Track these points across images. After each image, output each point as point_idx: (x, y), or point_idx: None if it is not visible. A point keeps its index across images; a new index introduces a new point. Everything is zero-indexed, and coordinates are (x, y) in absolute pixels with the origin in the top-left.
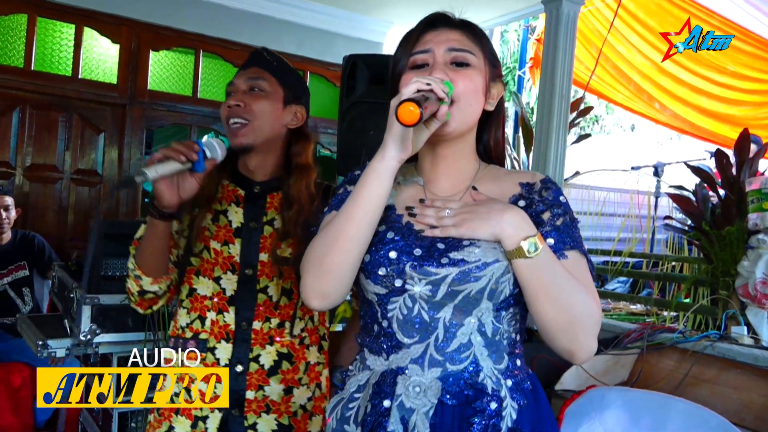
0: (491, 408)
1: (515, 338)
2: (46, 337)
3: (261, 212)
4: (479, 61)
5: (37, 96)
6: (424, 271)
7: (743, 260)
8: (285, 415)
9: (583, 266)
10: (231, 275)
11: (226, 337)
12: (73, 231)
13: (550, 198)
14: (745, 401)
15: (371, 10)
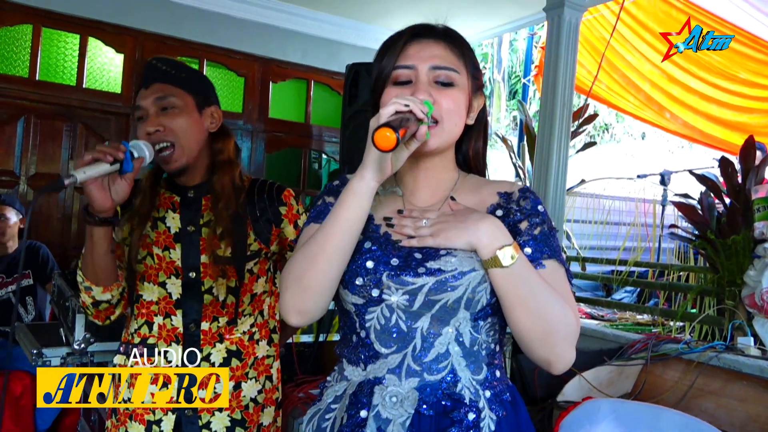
0: (469, 419)
1: (494, 348)
2: (41, 346)
3: (197, 215)
4: (462, 78)
5: (41, 105)
6: (401, 281)
7: (749, 270)
8: (237, 410)
9: (561, 275)
10: (175, 279)
11: (175, 340)
12: (76, 239)
13: (527, 207)
14: (752, 414)
15: (375, 19)
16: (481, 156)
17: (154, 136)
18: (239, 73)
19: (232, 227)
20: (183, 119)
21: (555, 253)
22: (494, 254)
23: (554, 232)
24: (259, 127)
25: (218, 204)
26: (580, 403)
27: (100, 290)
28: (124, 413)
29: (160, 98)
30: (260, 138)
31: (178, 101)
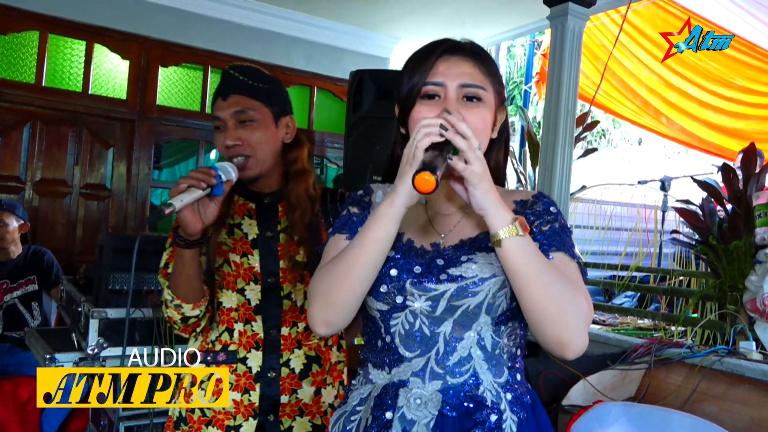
0: (491, 420)
1: (515, 352)
2: (53, 351)
3: (275, 222)
4: (489, 95)
5: (47, 111)
6: (424, 288)
7: (751, 275)
8: (317, 416)
9: (572, 267)
10: (254, 285)
11: (255, 346)
12: (81, 245)
13: (540, 209)
14: (755, 418)
15: (378, 26)
16: (502, 168)
17: (233, 150)
18: None
19: (308, 234)
20: (260, 132)
21: (564, 247)
22: (512, 222)
23: (567, 230)
24: None
25: (294, 213)
26: (591, 406)
27: (190, 307)
28: (200, 419)
29: (238, 112)
30: None
31: (256, 114)
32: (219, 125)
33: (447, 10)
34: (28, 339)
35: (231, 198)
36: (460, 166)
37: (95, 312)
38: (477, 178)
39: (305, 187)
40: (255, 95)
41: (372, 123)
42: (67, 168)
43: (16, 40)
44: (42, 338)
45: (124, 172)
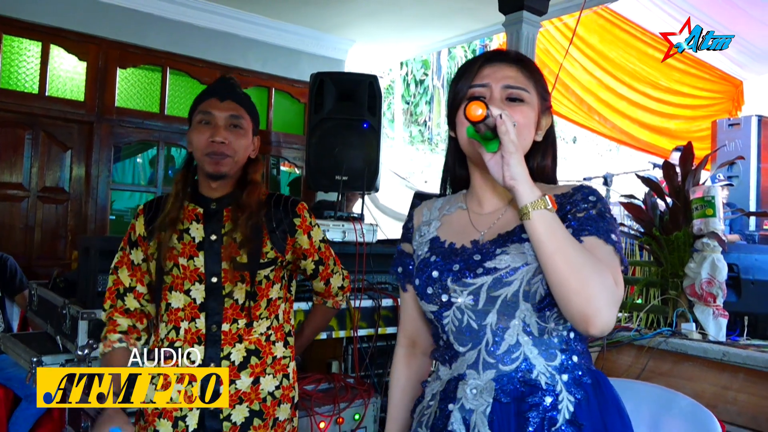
0: (546, 402)
1: (566, 335)
2: (40, 354)
3: (219, 225)
4: (532, 97)
5: (3, 113)
6: (463, 283)
7: (690, 262)
8: (255, 402)
9: (605, 250)
10: (199, 285)
11: (198, 341)
12: (40, 249)
13: (578, 198)
14: (698, 390)
15: (334, 29)
16: (548, 173)
17: (218, 146)
18: (202, 81)
19: (251, 237)
20: (244, 140)
21: (598, 232)
22: (540, 197)
23: (606, 217)
24: None
25: (242, 215)
26: None
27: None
28: (153, 413)
29: (234, 116)
30: None
31: (246, 124)
32: (208, 120)
33: (402, 13)
34: (4, 344)
35: (182, 204)
36: (502, 128)
37: (84, 314)
38: (513, 146)
39: (257, 195)
40: (247, 108)
41: (333, 124)
42: (24, 171)
43: None
44: (21, 342)
45: (83, 174)
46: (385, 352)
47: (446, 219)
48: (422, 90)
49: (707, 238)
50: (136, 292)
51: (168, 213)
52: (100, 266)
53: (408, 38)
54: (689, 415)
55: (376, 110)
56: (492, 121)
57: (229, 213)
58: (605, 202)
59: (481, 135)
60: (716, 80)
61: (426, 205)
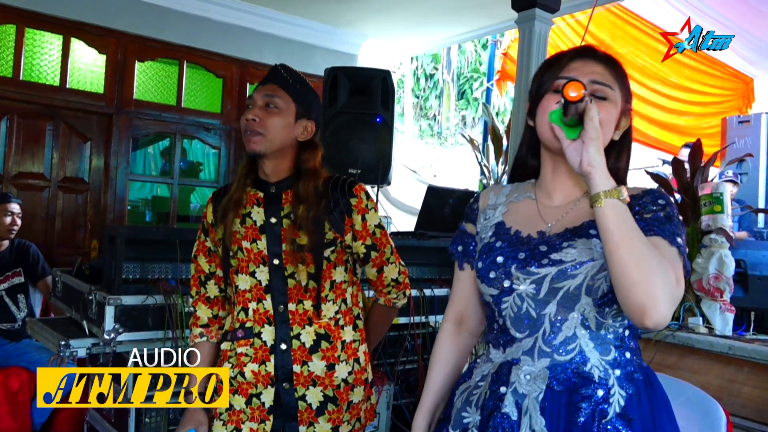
0: (598, 395)
1: (622, 333)
2: (67, 338)
3: (278, 209)
4: (616, 96)
5: (25, 105)
6: (527, 272)
7: (698, 258)
8: (330, 388)
9: (669, 251)
10: (263, 267)
11: (267, 322)
12: (60, 238)
13: (647, 201)
14: (703, 383)
15: (347, 24)
16: (621, 175)
17: (250, 123)
18: (218, 75)
19: (310, 219)
20: (278, 119)
21: (664, 233)
22: (615, 187)
23: (673, 221)
24: (237, 127)
25: (300, 206)
26: None
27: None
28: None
29: (268, 95)
30: (238, 137)
31: (282, 103)
32: (249, 104)
33: (414, 9)
34: (31, 329)
35: (245, 190)
36: (590, 113)
37: (111, 299)
38: (595, 132)
39: (315, 185)
40: (288, 89)
41: (347, 118)
42: (45, 162)
43: None
44: (49, 327)
45: (102, 165)
46: (398, 341)
47: (513, 206)
48: (432, 84)
49: (715, 234)
50: (216, 276)
51: (231, 195)
52: (125, 254)
53: (420, 33)
54: (695, 404)
55: (389, 105)
56: (582, 105)
57: (288, 197)
58: (674, 207)
59: (565, 122)
60: (727, 77)
61: (493, 189)
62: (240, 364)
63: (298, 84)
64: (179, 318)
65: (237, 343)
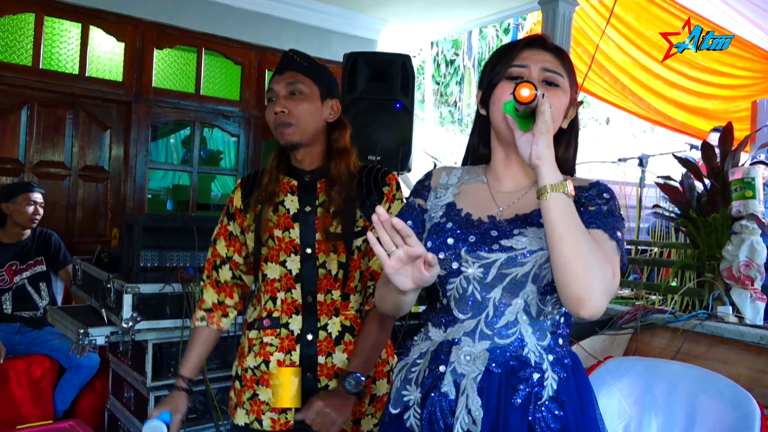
0: (534, 378)
1: (559, 320)
2: (87, 326)
3: (313, 197)
4: (566, 84)
5: (45, 94)
6: (477, 255)
7: (727, 245)
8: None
9: (609, 245)
10: (294, 256)
11: (295, 311)
12: (81, 226)
13: (593, 194)
14: (733, 374)
15: (367, 9)
16: (570, 164)
17: (279, 117)
18: (236, 62)
19: (344, 207)
20: (306, 105)
21: (605, 227)
22: (562, 180)
23: (615, 215)
24: (255, 114)
25: (333, 187)
26: (602, 361)
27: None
28: (252, 378)
29: (290, 83)
30: (257, 124)
31: (305, 88)
32: (272, 96)
33: None
34: (51, 317)
35: (277, 178)
36: (542, 108)
37: (129, 287)
38: (545, 127)
39: (346, 165)
40: (307, 73)
41: (366, 104)
42: (66, 150)
43: (12, 23)
44: (68, 315)
45: (121, 153)
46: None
47: (464, 188)
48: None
49: (746, 220)
50: (233, 262)
51: (265, 187)
52: (143, 242)
53: (440, 17)
54: (727, 397)
55: (409, 90)
56: (534, 103)
57: (323, 185)
58: (617, 201)
59: (518, 114)
60: (757, 59)
61: (445, 170)
62: (266, 354)
63: (314, 66)
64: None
65: (263, 333)
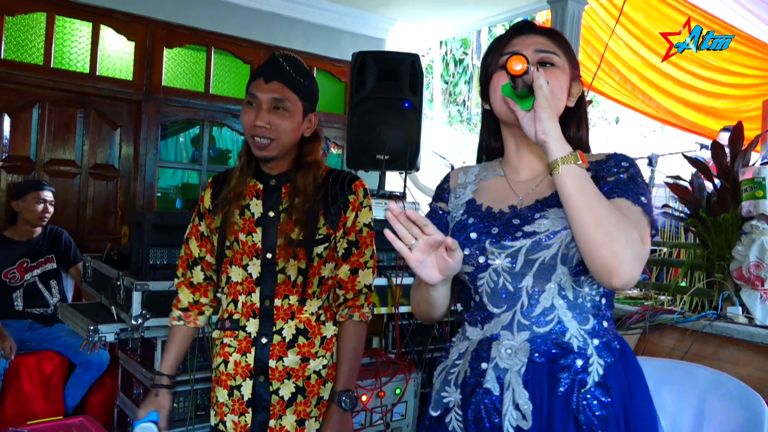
0: (577, 365)
1: (599, 301)
2: (96, 323)
3: (277, 202)
4: (563, 62)
5: (56, 93)
6: (502, 246)
7: (737, 245)
8: (301, 379)
9: (634, 211)
10: (255, 260)
11: (253, 315)
12: (91, 224)
13: (611, 164)
14: (743, 375)
15: (376, 8)
16: (584, 142)
17: (260, 130)
18: (245, 61)
19: (306, 214)
20: (289, 122)
21: (627, 194)
22: (571, 152)
23: (636, 181)
24: None
25: (297, 197)
26: None
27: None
28: (213, 380)
29: (277, 99)
30: None
31: (291, 106)
32: (253, 102)
33: None
34: (62, 314)
35: (245, 180)
36: (537, 82)
37: (138, 285)
38: (545, 101)
39: (314, 177)
40: (295, 88)
41: (375, 103)
42: (76, 149)
43: (24, 22)
44: (78, 312)
45: (131, 152)
46: (426, 329)
47: (483, 184)
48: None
49: (756, 220)
50: (205, 262)
51: (233, 187)
52: (152, 240)
53: (449, 17)
54: (737, 397)
55: (417, 89)
56: (529, 78)
57: (287, 190)
58: (637, 168)
59: (517, 94)
60: None
61: (462, 170)
62: (225, 354)
63: (301, 77)
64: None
65: (224, 334)
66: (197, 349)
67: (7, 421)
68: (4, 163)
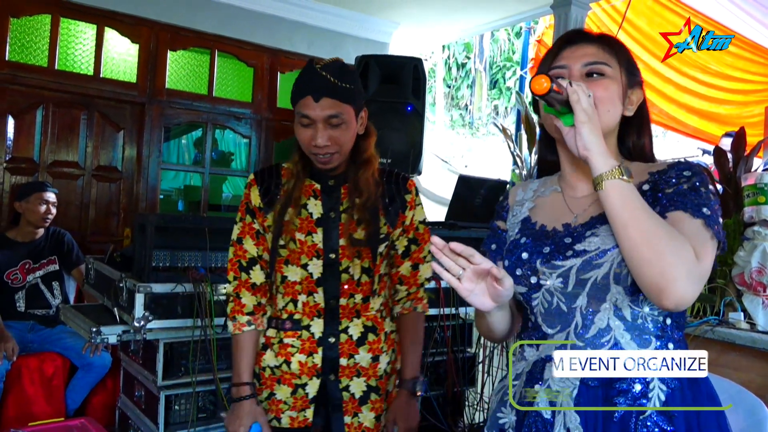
0: (635, 389)
1: (663, 321)
2: (98, 324)
3: (337, 203)
4: (614, 71)
5: (60, 94)
6: (552, 265)
7: (739, 251)
8: (373, 378)
9: (693, 224)
10: (316, 261)
11: (317, 315)
12: (94, 226)
13: (671, 175)
14: (744, 381)
15: (379, 12)
16: (647, 150)
17: (322, 149)
18: (249, 64)
19: (369, 214)
20: (347, 132)
21: (686, 206)
22: (616, 166)
23: (697, 191)
24: (267, 116)
25: (359, 196)
26: None
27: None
28: (270, 378)
29: (332, 115)
30: (269, 126)
31: (346, 116)
32: (307, 123)
33: None
34: (64, 315)
35: (302, 180)
36: (573, 97)
37: (141, 287)
38: (584, 115)
39: (372, 173)
40: (345, 98)
41: (377, 106)
42: (80, 150)
43: (29, 24)
44: (81, 314)
45: (135, 154)
46: (427, 333)
47: (540, 201)
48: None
49: (759, 225)
50: (263, 261)
51: (290, 192)
52: (155, 242)
53: (452, 21)
54: (738, 403)
55: (420, 93)
56: (565, 94)
57: (347, 190)
58: (703, 176)
59: (558, 111)
60: None
61: (521, 186)
62: (287, 354)
63: (347, 83)
64: (208, 306)
65: (284, 334)
66: (198, 352)
67: (9, 422)
68: (8, 165)
